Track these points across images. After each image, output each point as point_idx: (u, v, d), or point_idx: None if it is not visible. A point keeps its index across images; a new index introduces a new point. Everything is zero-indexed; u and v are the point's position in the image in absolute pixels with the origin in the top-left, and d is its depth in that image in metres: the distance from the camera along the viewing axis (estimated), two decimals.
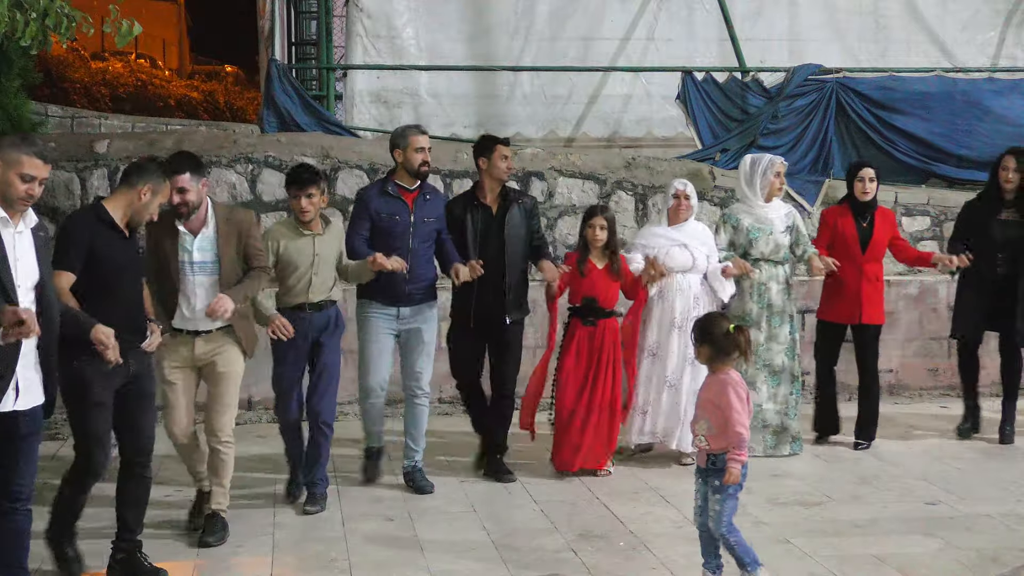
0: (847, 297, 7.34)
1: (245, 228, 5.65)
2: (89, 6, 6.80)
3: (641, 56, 11.25)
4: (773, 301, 7.17)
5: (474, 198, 6.79)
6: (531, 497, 6.41)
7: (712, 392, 4.86)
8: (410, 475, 6.56)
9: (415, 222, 6.43)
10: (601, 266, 6.74)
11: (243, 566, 5.36)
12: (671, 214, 7.03)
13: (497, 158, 6.71)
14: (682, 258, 6.93)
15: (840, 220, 7.42)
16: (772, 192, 7.22)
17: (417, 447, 6.59)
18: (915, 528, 5.84)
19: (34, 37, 5.46)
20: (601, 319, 6.72)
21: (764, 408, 7.14)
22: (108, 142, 8.88)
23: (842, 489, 6.55)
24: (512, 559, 5.39)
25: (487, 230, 6.67)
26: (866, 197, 7.38)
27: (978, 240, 7.54)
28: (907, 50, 11.49)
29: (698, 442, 4.88)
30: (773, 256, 7.19)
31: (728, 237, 7.20)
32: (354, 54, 11.04)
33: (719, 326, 4.91)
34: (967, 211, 7.84)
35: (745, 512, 6.08)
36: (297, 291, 6.05)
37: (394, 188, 6.47)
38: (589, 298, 6.71)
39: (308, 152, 9.03)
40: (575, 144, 11.03)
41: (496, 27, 11.23)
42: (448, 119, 11.13)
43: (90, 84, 18.64)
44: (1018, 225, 7.50)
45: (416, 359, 6.53)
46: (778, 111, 10.31)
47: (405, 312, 6.45)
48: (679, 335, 6.87)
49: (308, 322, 6.05)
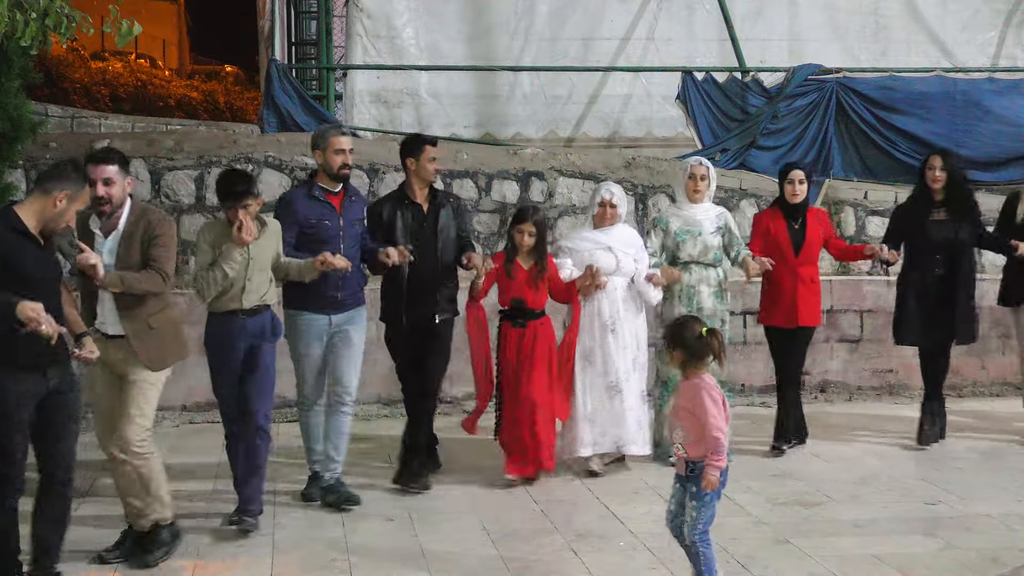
0: (783, 300, 7.24)
1: (150, 230, 5.23)
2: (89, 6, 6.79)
3: (641, 56, 11.26)
4: (704, 304, 7.02)
5: (404, 196, 6.61)
6: (531, 497, 6.41)
7: (686, 398, 4.73)
8: (332, 488, 6.26)
9: (344, 225, 6.23)
10: (527, 267, 6.65)
11: (243, 566, 5.36)
12: (596, 220, 6.89)
13: (425, 159, 6.53)
14: (606, 261, 6.78)
15: (772, 223, 7.32)
16: (690, 195, 7.12)
17: (339, 457, 6.33)
18: (915, 528, 5.84)
19: (34, 37, 5.45)
20: (530, 321, 6.64)
21: None
22: (108, 142, 8.88)
23: (842, 489, 6.55)
24: (512, 559, 5.38)
25: (418, 229, 6.52)
26: (795, 199, 7.27)
27: (913, 243, 7.45)
28: (907, 50, 11.50)
29: (676, 450, 4.75)
30: (703, 258, 7.06)
31: (659, 241, 7.09)
32: (354, 54, 11.05)
33: (691, 330, 4.76)
34: (900, 213, 7.73)
35: (745, 512, 6.09)
36: (231, 296, 5.75)
37: (320, 191, 6.25)
38: (517, 300, 6.64)
39: (308, 152, 9.00)
40: (575, 144, 11.04)
41: (496, 27, 11.25)
42: (448, 119, 11.15)
43: (90, 84, 18.63)
44: (951, 225, 7.39)
45: (344, 366, 6.29)
46: (778, 111, 10.32)
47: (337, 319, 6.24)
48: (613, 338, 6.78)
49: (242, 328, 5.77)
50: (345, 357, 6.28)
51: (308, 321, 6.21)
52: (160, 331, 5.30)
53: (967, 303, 7.45)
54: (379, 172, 9.07)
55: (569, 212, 9.27)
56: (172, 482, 5.86)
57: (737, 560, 5.34)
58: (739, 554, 5.42)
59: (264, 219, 5.90)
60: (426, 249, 6.48)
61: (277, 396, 6.30)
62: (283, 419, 8.01)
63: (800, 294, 7.23)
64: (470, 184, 9.21)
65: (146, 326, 5.25)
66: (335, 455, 6.32)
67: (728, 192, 9.38)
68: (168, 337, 5.37)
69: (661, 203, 9.40)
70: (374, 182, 9.06)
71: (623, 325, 6.80)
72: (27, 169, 8.66)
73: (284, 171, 8.91)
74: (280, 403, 7.95)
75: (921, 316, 7.46)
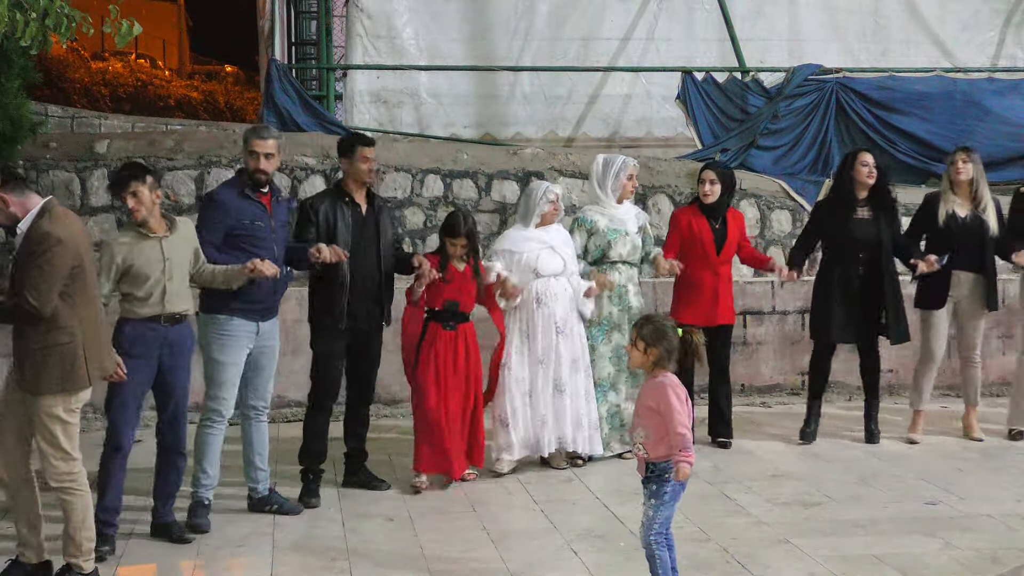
0: (703, 299, 7.20)
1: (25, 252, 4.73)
2: (89, 6, 6.79)
3: (641, 56, 11.26)
4: (632, 303, 7.07)
5: (344, 194, 6.33)
6: (531, 497, 6.41)
7: (651, 397, 4.63)
8: (266, 500, 6.05)
9: (275, 227, 5.94)
10: (462, 269, 6.52)
11: (243, 566, 5.36)
12: (546, 217, 6.81)
13: (358, 160, 6.30)
14: (553, 263, 6.76)
15: (693, 221, 7.28)
16: (625, 194, 7.10)
17: (266, 467, 6.10)
18: (915, 528, 5.84)
19: (34, 37, 5.44)
20: (460, 324, 6.53)
21: (623, 408, 7.00)
22: (108, 142, 8.89)
23: (842, 489, 6.55)
24: (512, 559, 5.39)
25: (359, 230, 6.29)
26: (708, 200, 7.24)
27: (835, 241, 7.39)
28: (907, 50, 11.50)
29: (636, 451, 4.67)
30: (630, 258, 7.07)
31: (583, 241, 7.01)
32: (354, 54, 11.04)
33: (672, 329, 4.66)
34: (820, 211, 7.65)
35: (745, 512, 6.10)
36: (152, 302, 5.38)
37: (251, 190, 5.89)
38: (451, 302, 6.49)
39: (308, 152, 9.04)
40: (575, 144, 11.03)
41: (496, 27, 11.24)
42: (448, 119, 11.14)
43: (90, 84, 18.65)
44: (873, 224, 7.34)
45: (266, 377, 6.03)
46: (778, 111, 10.32)
47: (264, 327, 5.91)
48: (564, 339, 6.77)
49: (161, 337, 5.42)
50: (269, 368, 6.03)
51: (236, 327, 5.81)
52: (40, 354, 4.76)
53: (895, 302, 7.36)
54: (379, 172, 9.06)
55: (569, 212, 9.24)
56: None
57: (737, 560, 5.34)
58: (739, 554, 5.42)
59: (174, 217, 5.57)
60: (367, 252, 6.27)
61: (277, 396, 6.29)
62: (283, 419, 8.01)
63: (720, 292, 7.25)
64: (470, 184, 9.21)
65: (28, 347, 4.78)
66: (262, 465, 6.08)
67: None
68: (50, 363, 4.77)
69: (662, 203, 9.40)
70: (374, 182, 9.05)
71: (571, 325, 6.82)
72: (27, 169, 8.66)
73: (284, 171, 8.90)
74: (281, 403, 7.96)
75: (842, 315, 7.37)
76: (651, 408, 4.61)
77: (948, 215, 7.39)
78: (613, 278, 6.97)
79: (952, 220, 7.38)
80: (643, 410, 4.67)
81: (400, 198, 9.09)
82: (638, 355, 4.69)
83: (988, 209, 7.39)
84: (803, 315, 9.02)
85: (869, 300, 7.36)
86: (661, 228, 9.39)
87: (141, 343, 5.39)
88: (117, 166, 8.70)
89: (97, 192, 8.61)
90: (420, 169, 9.18)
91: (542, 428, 6.77)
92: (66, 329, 4.78)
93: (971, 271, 7.40)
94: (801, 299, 8.72)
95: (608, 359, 7.07)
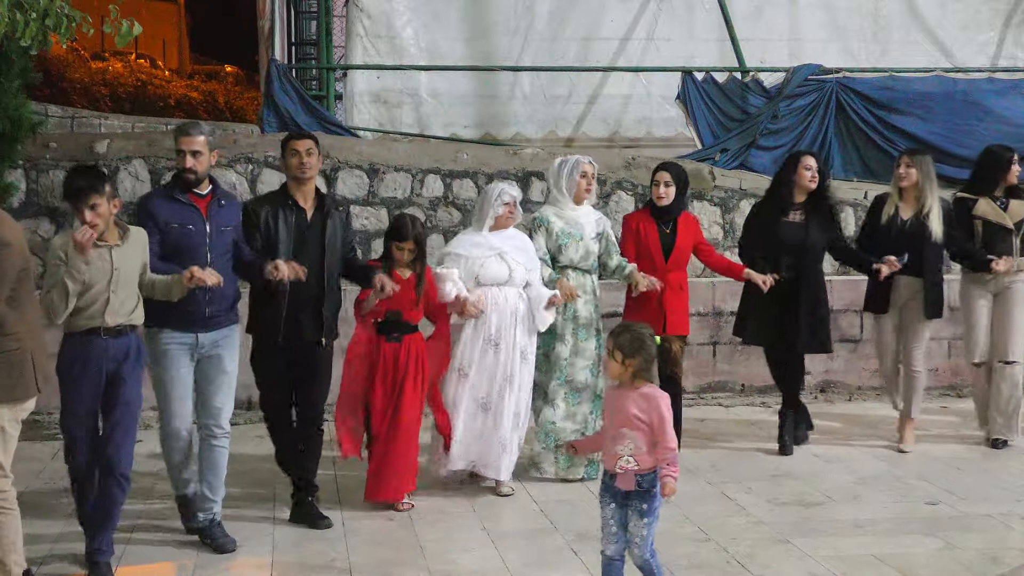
0: (650, 307, 6.77)
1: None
2: (89, 6, 6.79)
3: (641, 56, 11.26)
4: (579, 312, 6.61)
5: (288, 198, 5.88)
6: (531, 497, 6.41)
7: (640, 407, 4.41)
8: (207, 530, 5.57)
9: (211, 232, 5.47)
10: (406, 277, 6.08)
11: (243, 566, 5.36)
12: (500, 221, 6.40)
13: (288, 155, 5.88)
14: (499, 270, 6.30)
15: (643, 226, 6.93)
16: (580, 194, 6.66)
17: (215, 497, 5.61)
18: (915, 528, 5.84)
19: (34, 37, 5.44)
20: (406, 335, 6.10)
21: (559, 427, 6.59)
22: (108, 142, 8.89)
23: (842, 489, 6.55)
24: (512, 559, 5.38)
25: (302, 237, 5.82)
26: (662, 202, 6.88)
27: (765, 243, 7.20)
28: (907, 50, 11.50)
29: (625, 463, 4.41)
30: (582, 264, 6.65)
31: (543, 241, 6.61)
32: (354, 54, 11.05)
33: (651, 338, 4.46)
34: (756, 212, 7.43)
35: (745, 512, 6.10)
36: (91, 313, 4.98)
37: (183, 193, 5.49)
38: (394, 312, 6.05)
39: None
40: (575, 144, 11.03)
41: (496, 27, 11.25)
42: (448, 119, 11.15)
43: (90, 84, 18.64)
44: (802, 228, 7.16)
45: (216, 393, 5.56)
46: (778, 111, 10.33)
47: (205, 339, 5.48)
48: (495, 353, 6.29)
49: (104, 351, 5.02)
50: (217, 383, 5.55)
51: (170, 340, 5.45)
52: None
53: (814, 311, 7.19)
54: (379, 172, 9.08)
55: None
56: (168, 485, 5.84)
57: (737, 560, 5.34)
58: (739, 554, 5.42)
59: (125, 224, 5.19)
60: (311, 261, 5.75)
61: None
62: None
63: (668, 301, 6.83)
64: (470, 184, 9.21)
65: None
66: (210, 494, 5.59)
67: (728, 192, 9.38)
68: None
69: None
70: (374, 182, 9.06)
71: (508, 339, 6.30)
72: (27, 169, 8.66)
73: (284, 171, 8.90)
74: None
75: (770, 320, 7.17)
76: (638, 418, 4.42)
77: (890, 217, 7.29)
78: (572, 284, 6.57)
79: (893, 223, 7.26)
80: (627, 420, 4.43)
81: (400, 198, 9.09)
82: (616, 366, 4.47)
83: (932, 215, 7.20)
84: None
85: (792, 306, 7.14)
86: None
87: (82, 357, 5.02)
88: (117, 166, 8.73)
89: None
90: (420, 169, 9.18)
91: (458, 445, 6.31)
92: (14, 335, 4.54)
93: (912, 275, 7.20)
94: None
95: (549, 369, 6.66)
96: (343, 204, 6.67)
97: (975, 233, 7.36)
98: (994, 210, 7.34)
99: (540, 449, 6.69)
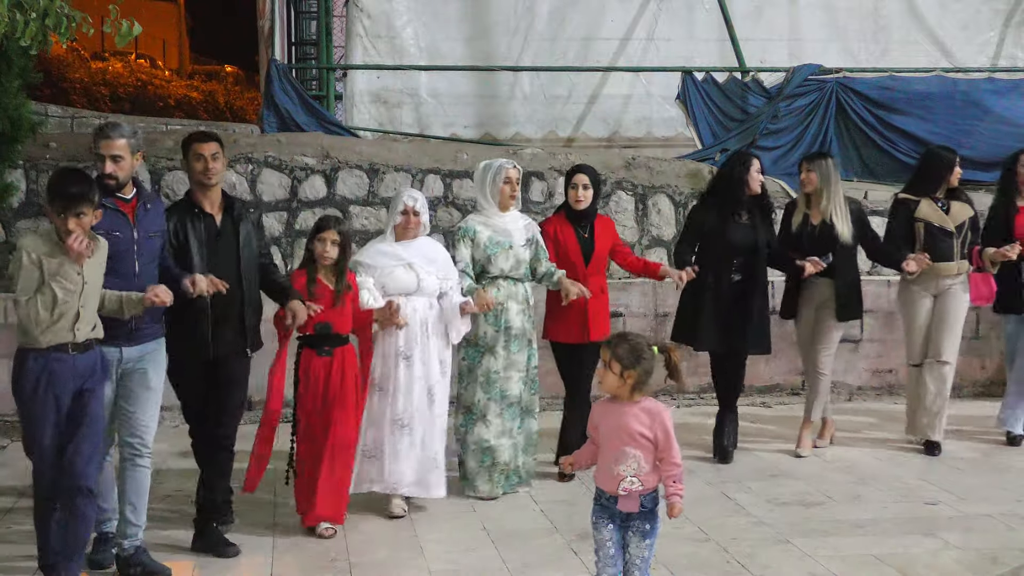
0: (572, 315, 6.57)
1: None
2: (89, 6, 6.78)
3: (641, 56, 11.27)
4: (512, 323, 6.35)
5: (193, 205, 5.51)
6: (531, 497, 6.41)
7: (642, 423, 4.15)
8: (133, 558, 5.17)
9: (139, 238, 5.12)
10: (332, 287, 5.78)
11: (243, 566, 5.36)
12: (398, 231, 6.10)
13: (191, 158, 5.51)
14: (406, 280, 6.01)
15: (560, 230, 6.70)
16: (505, 201, 6.40)
17: (139, 521, 5.21)
18: (915, 528, 5.84)
19: (34, 37, 5.44)
20: (336, 348, 5.79)
21: (495, 444, 6.35)
22: None
23: (842, 489, 6.55)
24: (512, 559, 5.39)
25: (214, 245, 5.49)
26: (580, 205, 6.66)
27: (712, 245, 7.05)
28: (907, 50, 11.52)
29: (628, 485, 4.15)
30: (513, 273, 6.39)
31: (468, 252, 6.35)
32: (354, 54, 11.05)
33: (649, 348, 4.18)
34: (699, 215, 7.22)
35: (745, 512, 6.10)
36: (60, 328, 4.71)
37: (107, 198, 5.07)
38: (323, 325, 5.72)
39: (308, 152, 9.04)
40: (575, 144, 11.04)
41: (496, 27, 11.25)
42: (448, 119, 11.16)
43: (90, 84, 18.63)
44: (751, 230, 7.08)
45: (142, 410, 5.15)
46: (778, 111, 10.33)
47: (129, 353, 5.10)
48: (406, 367, 5.98)
49: (72, 368, 4.74)
50: (142, 400, 5.15)
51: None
52: None
53: (763, 313, 7.17)
54: (379, 172, 9.08)
55: None
56: (174, 482, 5.85)
57: (737, 560, 5.34)
58: (739, 554, 5.42)
59: (96, 236, 4.88)
60: (227, 270, 5.42)
61: None
62: None
63: (591, 307, 6.61)
64: (470, 184, 9.20)
65: None
66: (134, 519, 5.19)
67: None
68: None
69: (661, 203, 9.40)
70: (374, 182, 9.06)
71: (420, 352, 6.02)
72: (27, 169, 8.67)
73: (284, 171, 8.91)
74: None
75: (711, 322, 7.03)
76: (641, 435, 4.15)
77: (800, 223, 7.25)
78: (490, 295, 6.29)
79: (804, 229, 7.22)
80: (629, 438, 4.16)
81: None
82: (613, 379, 4.17)
83: (837, 217, 7.14)
84: None
85: (740, 309, 7.08)
86: (662, 228, 9.42)
87: (48, 375, 4.71)
88: None
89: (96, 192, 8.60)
90: (420, 169, 9.18)
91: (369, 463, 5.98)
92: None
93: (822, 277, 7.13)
94: None
95: (479, 384, 6.36)
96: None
97: (916, 235, 7.31)
98: (936, 212, 7.31)
99: (475, 468, 6.37)
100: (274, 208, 8.82)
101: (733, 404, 7.36)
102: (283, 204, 8.86)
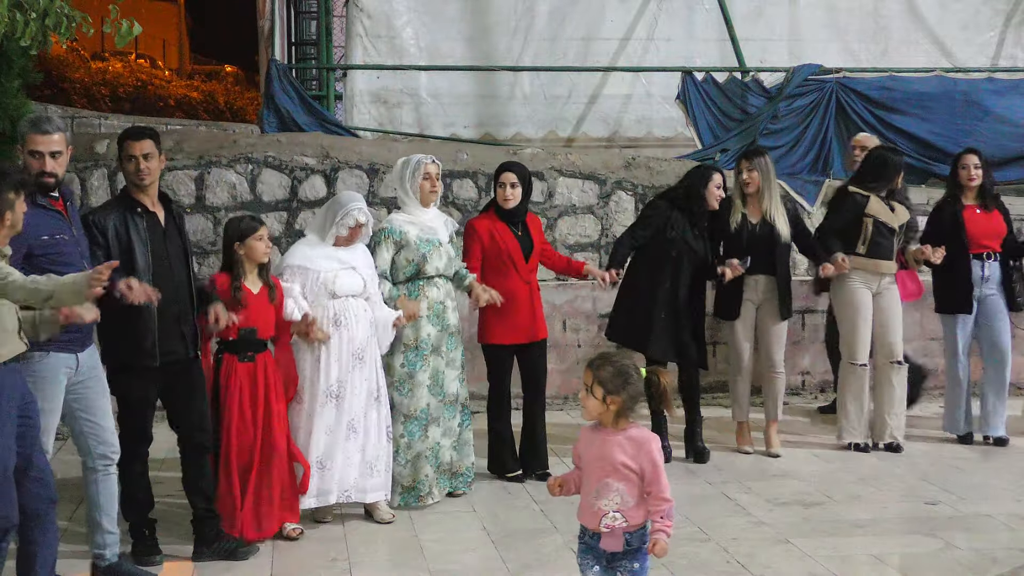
0: (521, 314, 6.48)
1: None
2: (89, 6, 6.80)
3: (641, 56, 11.26)
4: (449, 322, 6.26)
5: (135, 203, 5.21)
6: (531, 497, 6.41)
7: (627, 453, 3.81)
8: (114, 569, 5.05)
9: (78, 237, 4.89)
10: (257, 290, 5.63)
11: (243, 566, 5.36)
12: (343, 239, 5.89)
13: (123, 158, 5.24)
14: (353, 283, 5.86)
15: (495, 230, 6.53)
16: (425, 197, 6.22)
17: (115, 529, 5.06)
18: (915, 528, 5.85)
19: (34, 37, 5.45)
20: (259, 353, 5.62)
21: (441, 444, 6.25)
22: (108, 142, 8.88)
23: (842, 489, 6.55)
24: (512, 559, 5.39)
25: (160, 245, 5.22)
26: (508, 204, 6.51)
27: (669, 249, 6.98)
28: (907, 50, 11.51)
29: (611, 521, 3.81)
30: (447, 271, 6.26)
31: (390, 255, 6.14)
32: (354, 54, 11.05)
33: (637, 371, 3.86)
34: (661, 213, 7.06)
35: (745, 512, 6.10)
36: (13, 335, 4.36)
37: (43, 198, 4.76)
38: (248, 330, 5.56)
39: (308, 152, 9.03)
40: (575, 144, 11.04)
41: (496, 27, 11.24)
42: (448, 119, 11.15)
43: (90, 84, 18.63)
44: (701, 239, 7.06)
45: (104, 419, 4.95)
46: (778, 111, 10.33)
47: (84, 359, 4.85)
48: (361, 368, 5.83)
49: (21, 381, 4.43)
50: (103, 406, 4.96)
51: (54, 362, 4.72)
52: None
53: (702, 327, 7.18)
54: (379, 172, 9.07)
55: (569, 212, 9.27)
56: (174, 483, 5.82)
57: (737, 560, 5.34)
58: (739, 554, 5.42)
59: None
60: (174, 270, 5.23)
61: None
62: None
63: (535, 304, 6.58)
64: (470, 184, 9.21)
65: None
66: (110, 527, 5.04)
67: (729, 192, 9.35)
68: None
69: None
70: (374, 182, 9.06)
71: (369, 354, 5.90)
72: None
73: (284, 171, 8.91)
74: None
75: (663, 328, 6.95)
76: (626, 466, 3.81)
77: (739, 223, 7.21)
78: (431, 294, 6.19)
79: (743, 228, 7.19)
80: (612, 469, 3.83)
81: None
82: (595, 404, 3.83)
83: (776, 216, 7.15)
84: (803, 315, 9.02)
85: (695, 315, 7.08)
86: None
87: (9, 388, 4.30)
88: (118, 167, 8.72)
89: (97, 192, 8.61)
90: None
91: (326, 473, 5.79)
92: None
93: (765, 274, 7.14)
94: (801, 299, 8.71)
95: (427, 388, 6.18)
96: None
97: (864, 230, 7.31)
98: (885, 210, 7.34)
99: (432, 473, 6.23)
100: (274, 208, 8.82)
101: (697, 404, 7.31)
102: (283, 204, 8.86)
